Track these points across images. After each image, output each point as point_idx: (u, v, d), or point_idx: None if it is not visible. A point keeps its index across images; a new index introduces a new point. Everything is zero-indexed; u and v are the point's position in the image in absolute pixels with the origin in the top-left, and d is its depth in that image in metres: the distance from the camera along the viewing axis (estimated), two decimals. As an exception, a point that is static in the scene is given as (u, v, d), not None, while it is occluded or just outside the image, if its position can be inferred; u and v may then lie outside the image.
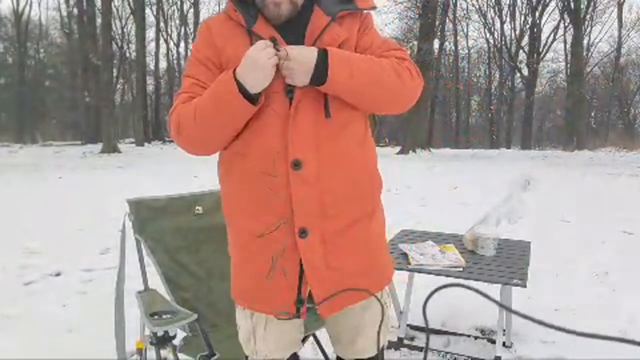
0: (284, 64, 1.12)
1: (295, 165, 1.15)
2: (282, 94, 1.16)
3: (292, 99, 1.16)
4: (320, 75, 1.13)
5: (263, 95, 1.15)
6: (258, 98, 1.14)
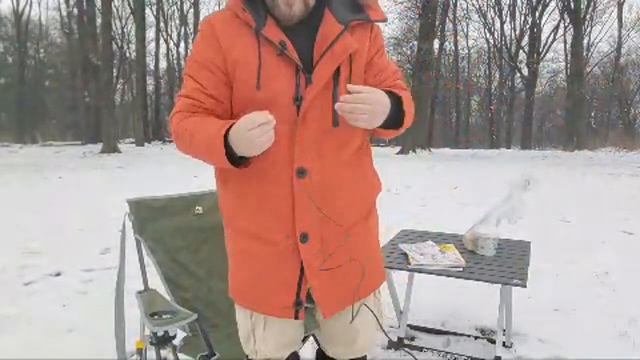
0: (349, 107, 1.09)
1: (300, 173, 1.16)
2: (291, 101, 1.15)
3: (300, 107, 1.14)
4: (395, 118, 1.19)
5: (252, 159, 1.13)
6: (248, 159, 1.13)
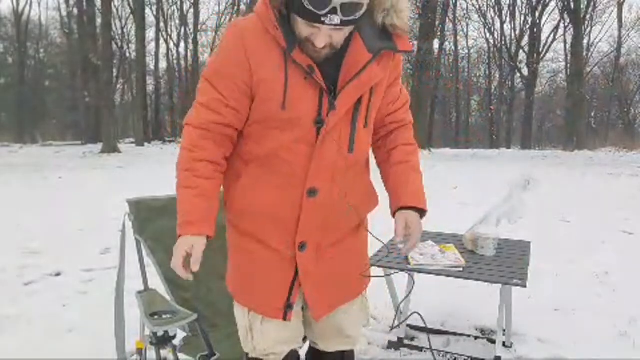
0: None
1: (311, 192, 1.20)
2: (312, 122, 1.16)
3: (320, 129, 1.16)
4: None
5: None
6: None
